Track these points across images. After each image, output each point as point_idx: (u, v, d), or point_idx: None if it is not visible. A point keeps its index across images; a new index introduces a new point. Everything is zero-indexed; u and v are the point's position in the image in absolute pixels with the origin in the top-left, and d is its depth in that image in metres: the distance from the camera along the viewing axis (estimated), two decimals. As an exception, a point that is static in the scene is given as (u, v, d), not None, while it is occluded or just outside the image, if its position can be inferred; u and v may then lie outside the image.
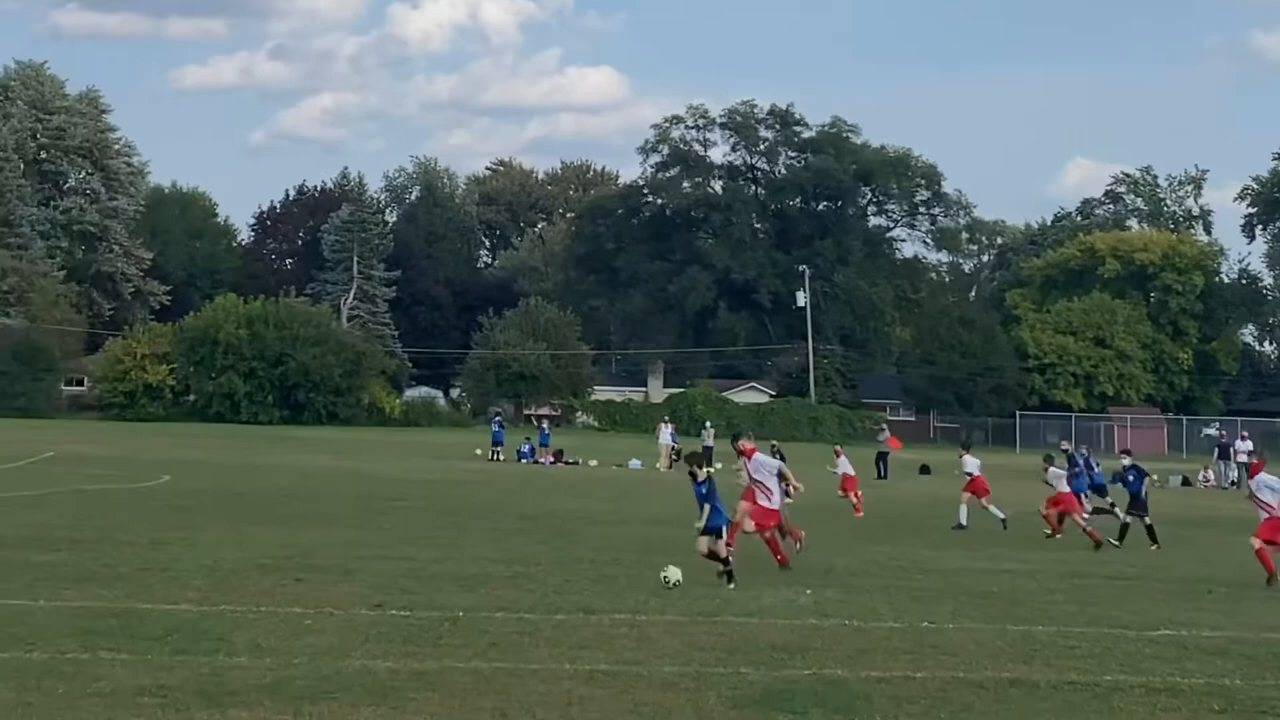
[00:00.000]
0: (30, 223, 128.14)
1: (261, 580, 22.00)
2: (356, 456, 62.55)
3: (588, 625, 18.92)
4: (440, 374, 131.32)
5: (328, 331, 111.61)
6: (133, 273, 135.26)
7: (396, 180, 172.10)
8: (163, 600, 19.67)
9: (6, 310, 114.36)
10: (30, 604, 19.00)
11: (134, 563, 23.42)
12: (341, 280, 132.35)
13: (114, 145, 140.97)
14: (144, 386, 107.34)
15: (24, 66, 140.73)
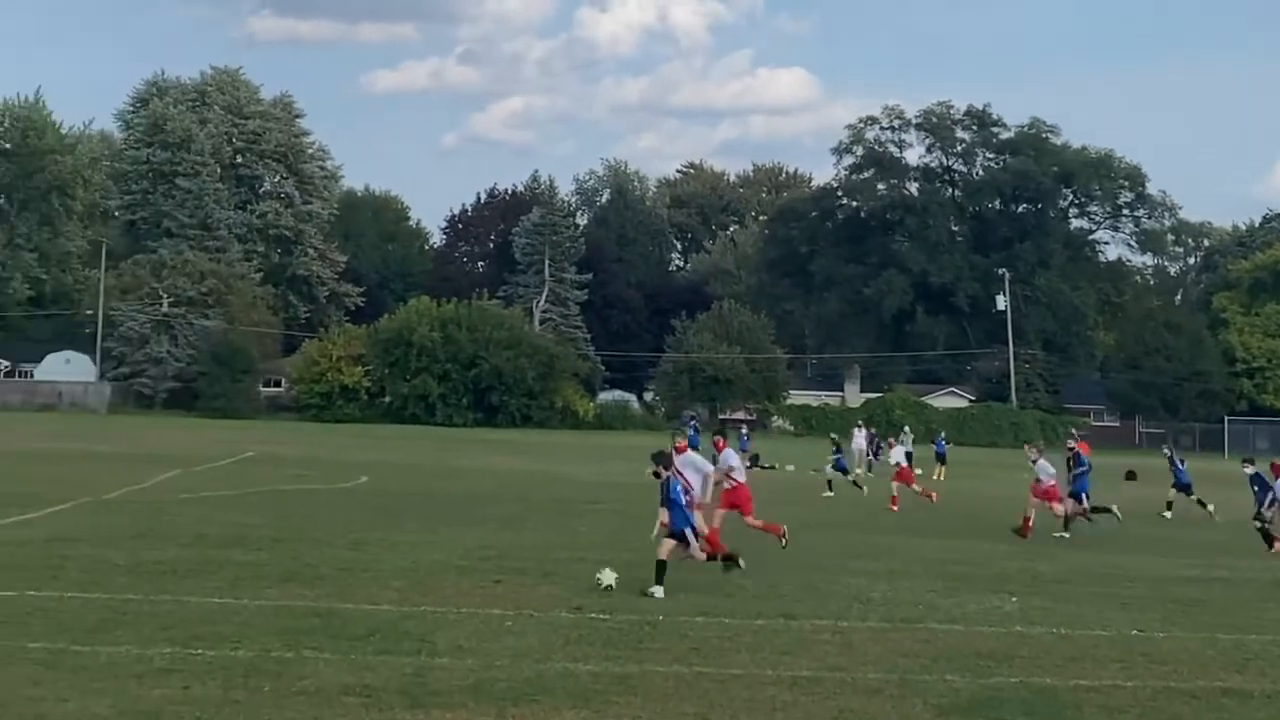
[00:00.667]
0: (227, 226, 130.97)
1: (460, 581, 22.17)
2: (550, 459, 62.89)
3: (789, 631, 18.81)
4: (633, 377, 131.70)
5: (520, 334, 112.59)
6: (327, 276, 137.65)
7: (587, 183, 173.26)
8: (364, 600, 19.89)
9: (205, 312, 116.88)
10: (234, 602, 19.33)
11: (334, 563, 23.73)
12: (533, 283, 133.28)
13: (308, 150, 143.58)
14: (340, 388, 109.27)
15: (220, 72, 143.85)
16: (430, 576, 22.62)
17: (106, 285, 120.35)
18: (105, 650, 15.69)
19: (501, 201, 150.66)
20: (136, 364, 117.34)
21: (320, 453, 58.60)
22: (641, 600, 20.96)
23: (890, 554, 28.60)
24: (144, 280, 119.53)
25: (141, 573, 21.82)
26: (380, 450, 63.04)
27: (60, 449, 55.79)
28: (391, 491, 40.93)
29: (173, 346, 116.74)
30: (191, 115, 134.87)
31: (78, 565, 22.39)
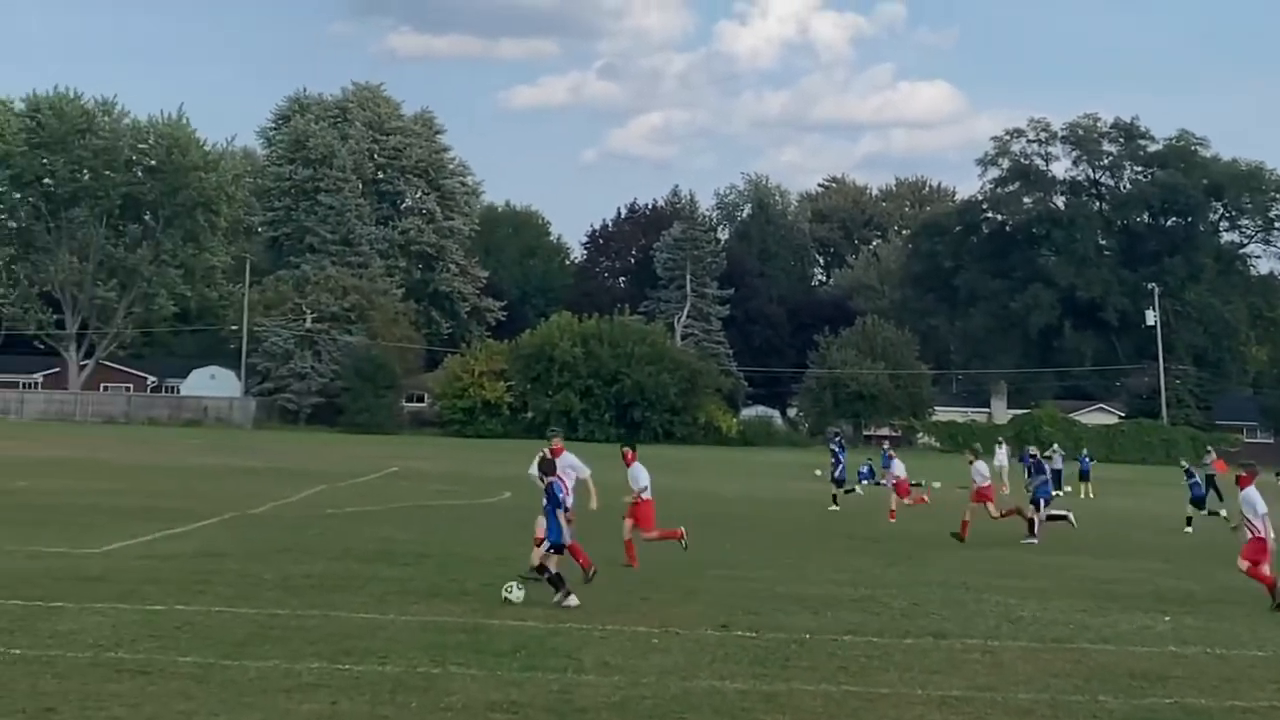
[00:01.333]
0: (369, 242, 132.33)
1: (605, 598, 22.23)
2: (694, 475, 62.83)
3: (938, 650, 18.70)
4: (776, 393, 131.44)
5: (662, 350, 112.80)
6: (469, 291, 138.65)
7: (728, 198, 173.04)
8: (509, 616, 20.02)
9: (348, 328, 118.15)
10: (381, 617, 19.53)
11: (480, 578, 23.89)
12: (674, 298, 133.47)
13: (448, 165, 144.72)
14: (482, 403, 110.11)
15: (361, 88, 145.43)
16: (575, 593, 22.69)
17: (250, 301, 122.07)
18: (254, 665, 15.92)
19: (642, 217, 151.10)
20: (281, 379, 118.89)
21: (464, 468, 59.07)
22: (788, 617, 20.94)
23: (1040, 572, 28.31)
24: (287, 296, 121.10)
25: (289, 587, 22.11)
26: (524, 465, 63.21)
27: (206, 464, 56.66)
28: (535, 508, 40.99)
29: (316, 362, 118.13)
30: (333, 131, 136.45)
31: (225, 580, 22.73)
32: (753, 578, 25.83)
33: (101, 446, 69.45)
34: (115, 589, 21.27)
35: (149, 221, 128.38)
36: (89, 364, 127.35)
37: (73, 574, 22.78)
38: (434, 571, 24.68)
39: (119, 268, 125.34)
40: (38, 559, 24.69)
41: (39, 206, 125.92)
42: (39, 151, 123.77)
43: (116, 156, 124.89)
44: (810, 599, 23.22)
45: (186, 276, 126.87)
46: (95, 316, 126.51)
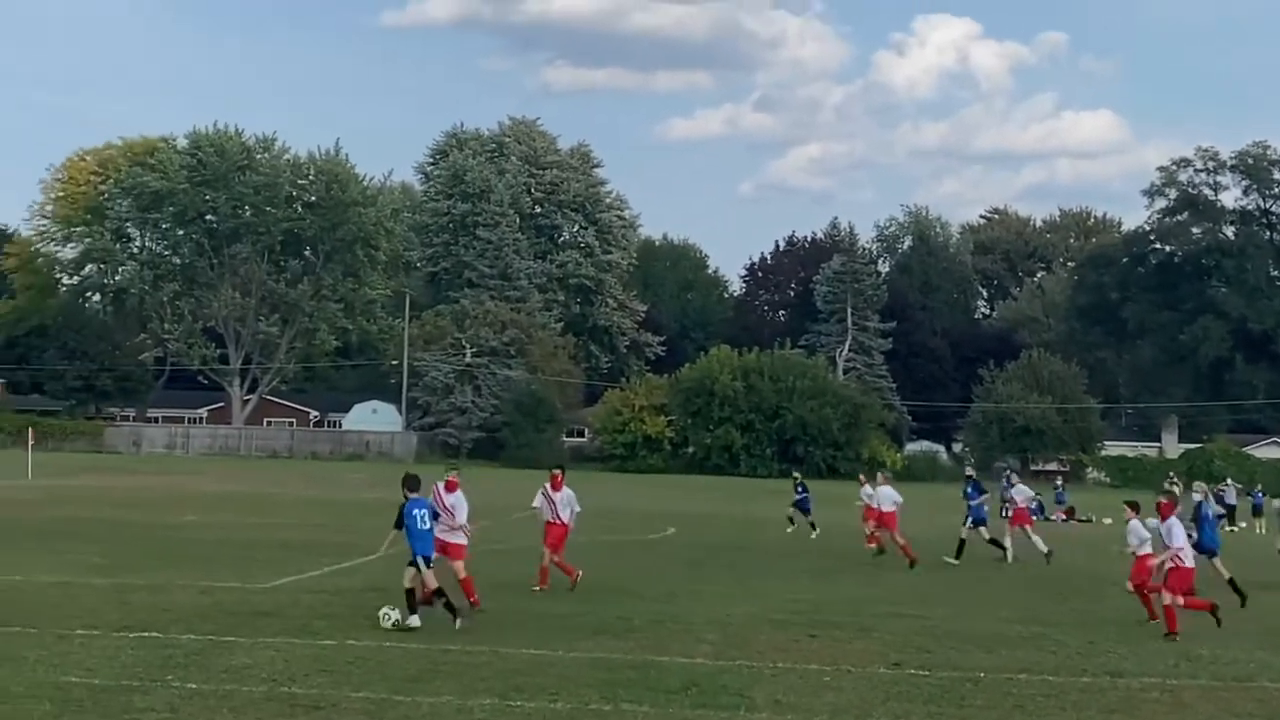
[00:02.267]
0: (528, 276, 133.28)
1: (774, 635, 22.23)
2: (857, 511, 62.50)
3: (1115, 689, 18.50)
4: (940, 428, 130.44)
5: (824, 384, 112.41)
6: (627, 325, 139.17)
7: (888, 230, 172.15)
8: (678, 653, 20.07)
9: (508, 362, 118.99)
10: (550, 654, 19.67)
11: (646, 614, 23.98)
12: (835, 332, 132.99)
13: (605, 199, 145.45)
14: (643, 438, 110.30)
15: (518, 123, 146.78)
16: (743, 630, 22.72)
17: (410, 335, 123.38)
18: (427, 701, 16.11)
19: (801, 249, 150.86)
20: (441, 413, 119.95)
21: (626, 503, 59.17)
22: (961, 655, 20.80)
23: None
24: (446, 330, 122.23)
25: (458, 623, 22.31)
26: (686, 501, 63.54)
27: (371, 498, 57.28)
28: (699, 543, 41.21)
29: (476, 396, 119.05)
30: (490, 166, 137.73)
31: (394, 615, 22.97)
32: (923, 615, 25.68)
33: (266, 481, 70.58)
34: (286, 624, 21.62)
35: (309, 257, 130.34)
36: (252, 399, 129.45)
37: (244, 609, 23.20)
38: (600, 607, 24.78)
39: (280, 303, 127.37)
40: (209, 594, 25.16)
41: (202, 243, 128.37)
42: (201, 188, 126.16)
43: (277, 192, 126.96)
44: (982, 636, 23.05)
45: (347, 311, 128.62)
46: (258, 351, 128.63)
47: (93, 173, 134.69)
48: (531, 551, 35.52)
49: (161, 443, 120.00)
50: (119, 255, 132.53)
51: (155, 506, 49.36)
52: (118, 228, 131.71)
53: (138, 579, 26.75)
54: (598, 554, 35.80)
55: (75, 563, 29.14)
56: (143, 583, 26.27)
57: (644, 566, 33.12)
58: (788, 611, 25.34)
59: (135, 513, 43.23)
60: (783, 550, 37.75)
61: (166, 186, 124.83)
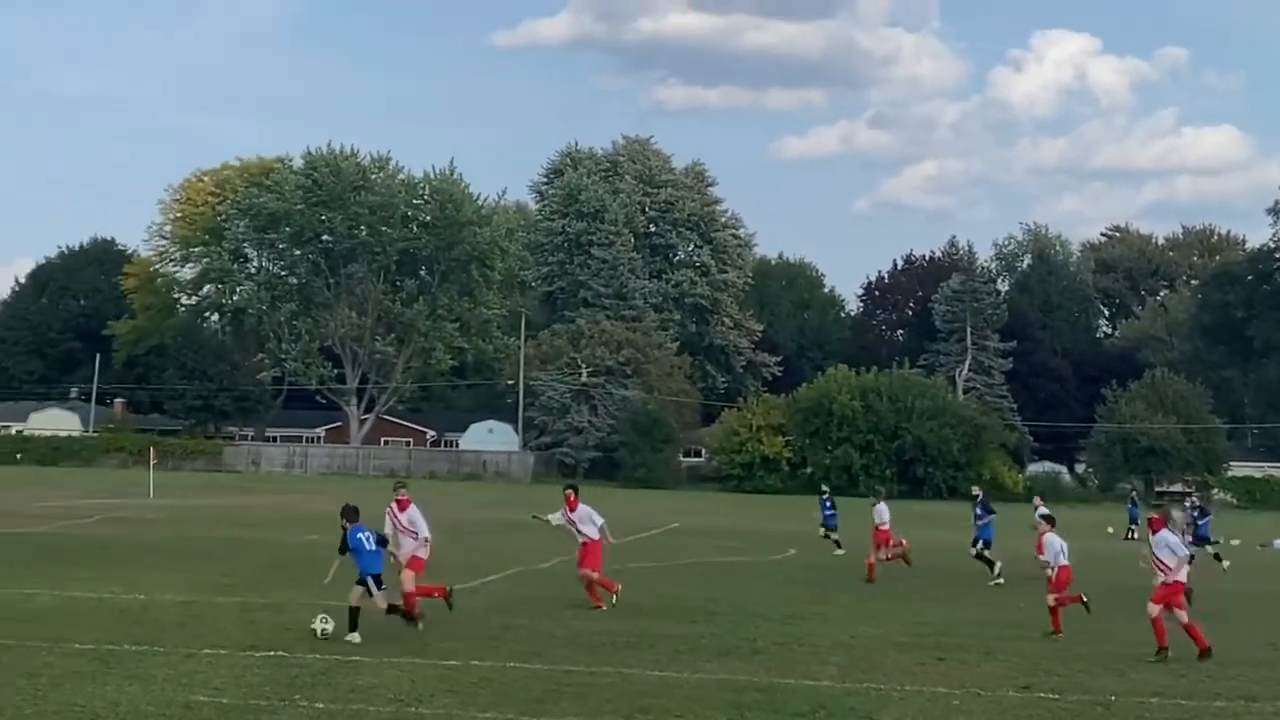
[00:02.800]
0: (643, 295, 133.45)
1: (900, 658, 22.17)
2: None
3: (1249, 713, 18.35)
4: (1063, 448, 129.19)
5: (944, 404, 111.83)
6: (744, 345, 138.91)
7: (1007, 248, 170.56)
8: (804, 675, 20.05)
9: (624, 382, 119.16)
10: (675, 675, 19.70)
11: (771, 636, 23.97)
12: (955, 351, 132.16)
13: (720, 218, 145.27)
14: (761, 458, 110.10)
15: (631, 142, 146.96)
16: (869, 652, 22.67)
17: (526, 355, 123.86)
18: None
19: (919, 268, 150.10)
20: (558, 433, 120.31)
21: (745, 524, 59.19)
22: (1092, 679, 20.66)
23: None
24: (562, 350, 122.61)
25: (580, 644, 22.42)
26: (805, 522, 63.19)
27: (490, 518, 57.61)
28: (820, 564, 41.09)
29: (593, 416, 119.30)
30: (604, 185, 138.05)
31: (517, 636, 23.15)
32: (1052, 637, 25.48)
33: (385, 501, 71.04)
34: (411, 644, 21.82)
35: (425, 276, 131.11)
36: (369, 418, 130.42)
37: (368, 629, 23.36)
38: (724, 629, 24.80)
39: (396, 322, 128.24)
40: (333, 613, 25.35)
41: (318, 263, 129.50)
42: (317, 209, 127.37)
43: (392, 212, 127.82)
44: (1113, 659, 22.87)
45: (462, 330, 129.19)
46: (375, 371, 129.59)
47: (210, 193, 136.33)
48: (650, 573, 35.66)
49: (280, 462, 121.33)
50: (237, 275, 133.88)
51: (276, 525, 49.85)
52: (235, 248, 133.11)
53: (261, 598, 27.05)
54: (719, 575, 35.83)
55: (199, 582, 29.53)
56: (266, 602, 26.57)
57: (766, 588, 33.08)
58: (913, 634, 25.25)
59: (256, 532, 43.69)
60: (905, 571, 37.54)
61: (283, 207, 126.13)
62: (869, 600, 31.02)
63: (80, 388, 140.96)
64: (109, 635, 21.56)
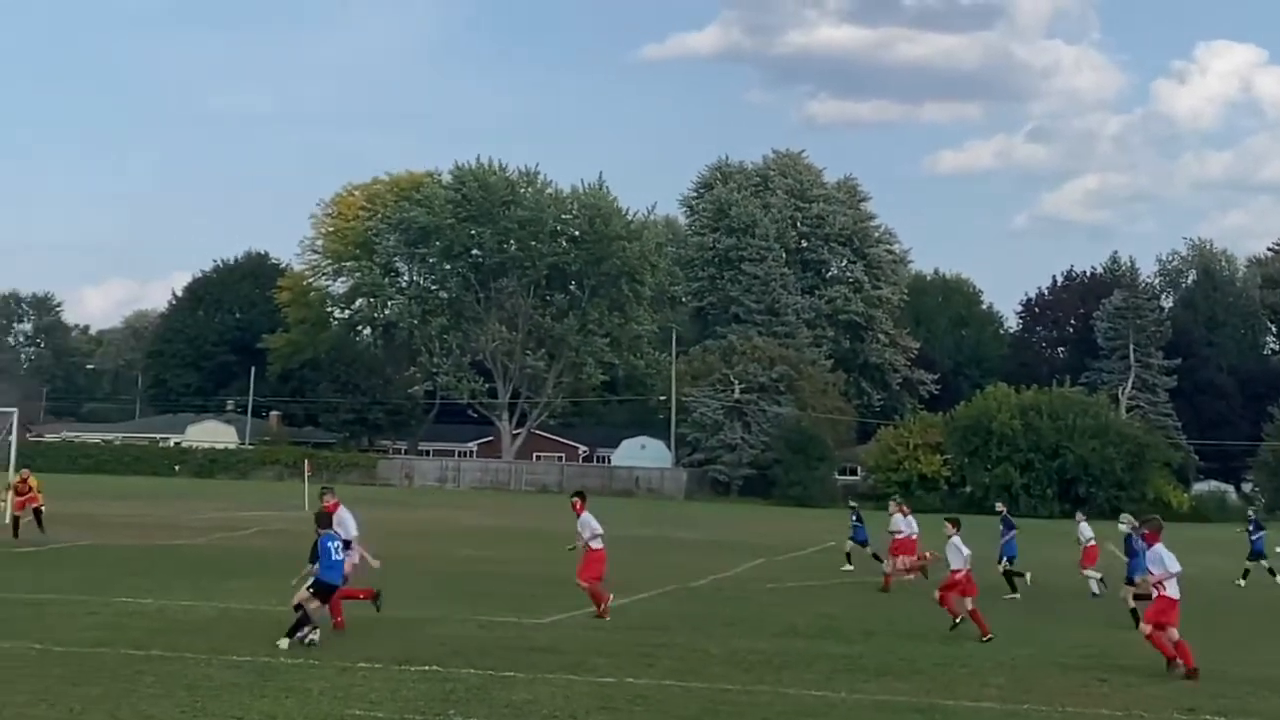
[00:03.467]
0: (795, 311, 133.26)
1: (1062, 679, 21.95)
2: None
3: None
4: (1229, 467, 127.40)
5: (1106, 423, 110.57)
6: (899, 362, 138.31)
7: (1170, 263, 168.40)
8: (965, 697, 19.89)
9: (777, 399, 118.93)
10: (832, 695, 19.63)
11: (930, 657, 23.82)
12: (1117, 369, 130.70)
13: (874, 233, 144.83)
14: (918, 477, 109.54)
15: (782, 156, 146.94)
16: (1031, 673, 22.48)
17: (677, 371, 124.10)
18: (711, 740, 16.18)
19: (1080, 284, 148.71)
20: (711, 450, 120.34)
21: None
22: (1259, 701, 20.45)
23: None
24: (714, 366, 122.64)
25: (737, 662, 22.40)
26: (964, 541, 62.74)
27: (643, 535, 57.74)
28: (980, 584, 40.68)
29: (746, 433, 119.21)
30: (755, 200, 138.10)
31: (672, 653, 23.15)
32: (1216, 659, 25.05)
33: (538, 515, 71.42)
34: (564, 660, 21.88)
35: (574, 291, 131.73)
36: (521, 433, 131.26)
37: (522, 644, 23.54)
38: (882, 649, 24.68)
39: (547, 337, 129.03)
40: (487, 628, 25.59)
41: (468, 277, 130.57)
42: (467, 223, 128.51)
43: (541, 227, 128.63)
44: (1278, 683, 22.49)
45: (613, 346, 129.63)
46: (526, 385, 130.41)
47: (361, 208, 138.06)
48: (806, 592, 35.57)
49: (433, 476, 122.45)
50: (388, 289, 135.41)
51: (430, 539, 50.29)
52: (386, 262, 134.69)
53: (416, 612, 27.28)
54: (876, 594, 35.64)
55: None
56: (421, 616, 26.81)
57: (925, 607, 32.79)
58: (1075, 655, 25.00)
59: (410, 545, 43.97)
60: (1064, 592, 37.17)
61: (432, 221, 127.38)
62: (1029, 621, 30.75)
63: (236, 400, 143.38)
64: (266, 648, 21.86)
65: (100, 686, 18.20)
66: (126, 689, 18.10)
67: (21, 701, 17.08)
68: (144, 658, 20.60)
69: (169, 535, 47.77)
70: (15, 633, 22.90)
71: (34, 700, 17.18)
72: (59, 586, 30.02)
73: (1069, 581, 37.82)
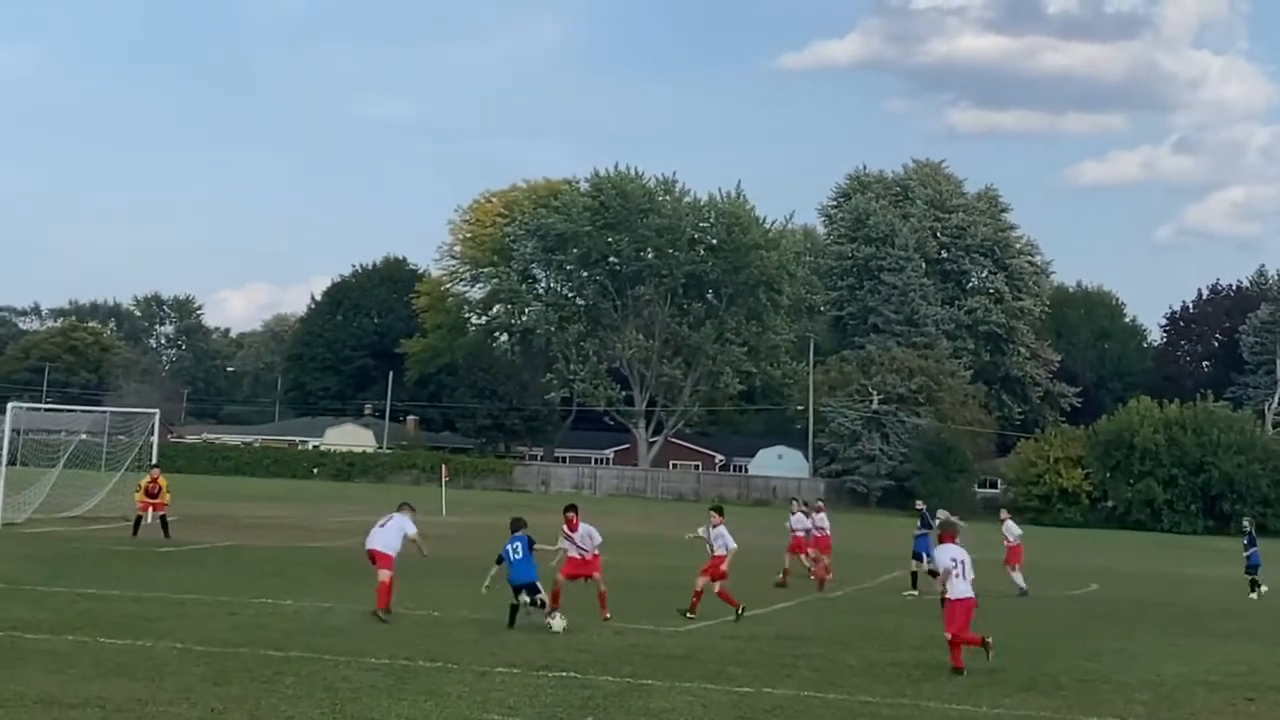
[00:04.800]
0: (935, 322, 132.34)
1: (1209, 698, 21.60)
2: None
3: None
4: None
5: (1252, 438, 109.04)
6: (1040, 375, 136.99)
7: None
8: (1109, 713, 19.65)
9: (916, 410, 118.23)
10: (973, 709, 19.48)
11: (1073, 673, 23.52)
12: (1264, 384, 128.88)
13: (1015, 244, 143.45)
14: (1059, 491, 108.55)
15: (921, 165, 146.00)
16: (1176, 691, 22.12)
17: (815, 381, 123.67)
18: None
19: (1225, 298, 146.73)
20: (849, 461, 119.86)
21: (1044, 558, 58.17)
22: None
23: None
24: (852, 376, 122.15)
25: (875, 674, 22.24)
26: (1107, 556, 62.29)
27: (780, 545, 57.49)
28: (1124, 599, 40.31)
29: (884, 444, 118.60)
30: (894, 210, 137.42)
31: (810, 664, 23.03)
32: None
33: (674, 523, 71.40)
34: (702, 668, 21.81)
35: (711, 299, 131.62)
36: (658, 441, 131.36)
37: (659, 652, 23.51)
38: (1025, 664, 24.37)
39: (684, 345, 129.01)
40: (624, 635, 25.58)
41: (605, 284, 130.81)
42: (604, 230, 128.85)
43: (679, 235, 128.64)
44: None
45: (750, 355, 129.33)
46: (662, 394, 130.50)
47: (499, 214, 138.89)
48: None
49: (569, 482, 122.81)
50: (525, 296, 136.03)
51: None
52: (523, 268, 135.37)
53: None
54: (1018, 608, 35.29)
55: (492, 599, 29.91)
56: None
57: (1068, 623, 32.49)
58: (1222, 673, 24.58)
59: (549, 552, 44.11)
60: (1213, 609, 36.62)
61: (570, 228, 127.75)
62: (1176, 638, 30.26)
63: (374, 404, 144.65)
64: (405, 650, 21.98)
65: (240, 686, 18.38)
66: (266, 689, 18.26)
67: (165, 699, 17.28)
68: (283, 659, 20.79)
69: (307, 537, 48.27)
70: (158, 632, 23.22)
71: (176, 699, 17.38)
72: (200, 586, 30.42)
73: (1220, 598, 37.21)
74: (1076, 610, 36.47)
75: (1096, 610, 36.64)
